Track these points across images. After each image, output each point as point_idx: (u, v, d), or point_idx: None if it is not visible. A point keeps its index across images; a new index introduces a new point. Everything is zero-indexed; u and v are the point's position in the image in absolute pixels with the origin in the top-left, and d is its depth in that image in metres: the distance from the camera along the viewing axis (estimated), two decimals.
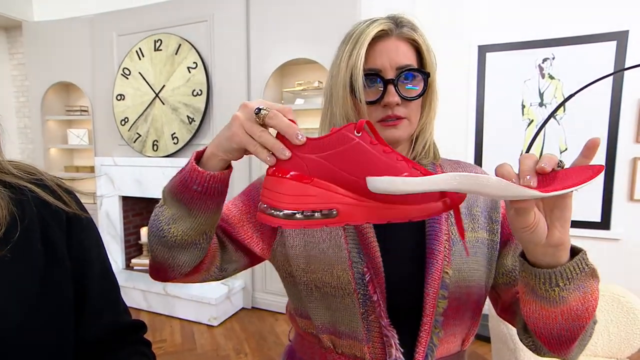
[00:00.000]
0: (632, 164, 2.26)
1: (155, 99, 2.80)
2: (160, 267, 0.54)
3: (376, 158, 0.40)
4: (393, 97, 0.54)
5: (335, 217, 0.40)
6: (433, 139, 0.64)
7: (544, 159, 0.38)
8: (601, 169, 0.36)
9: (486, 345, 2.17)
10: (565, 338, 0.47)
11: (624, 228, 2.30)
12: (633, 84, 2.21)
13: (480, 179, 0.36)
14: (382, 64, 0.55)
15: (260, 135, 0.41)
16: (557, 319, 0.45)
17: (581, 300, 0.44)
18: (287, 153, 0.40)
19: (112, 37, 2.94)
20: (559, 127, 2.41)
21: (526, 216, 0.39)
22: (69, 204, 0.48)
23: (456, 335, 0.57)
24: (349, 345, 0.57)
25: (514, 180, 0.37)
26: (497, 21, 2.45)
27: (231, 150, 0.44)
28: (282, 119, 0.40)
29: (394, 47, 0.56)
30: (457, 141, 2.60)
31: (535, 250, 0.43)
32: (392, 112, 0.55)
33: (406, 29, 0.57)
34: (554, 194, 0.35)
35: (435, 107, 0.61)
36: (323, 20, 2.34)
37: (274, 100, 2.66)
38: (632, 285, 2.24)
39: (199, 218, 0.48)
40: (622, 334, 1.38)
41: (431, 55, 0.58)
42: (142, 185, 2.83)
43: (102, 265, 0.52)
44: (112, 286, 0.53)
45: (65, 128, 3.47)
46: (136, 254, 3.14)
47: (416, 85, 0.56)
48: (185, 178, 0.46)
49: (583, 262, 0.43)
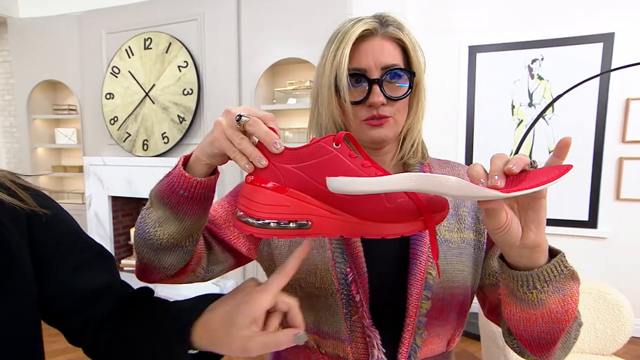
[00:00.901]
0: (618, 163, 2.31)
1: (145, 98, 2.77)
2: (146, 268, 0.54)
3: (353, 171, 0.39)
4: (378, 97, 0.54)
5: (308, 228, 0.40)
6: (421, 138, 0.64)
7: (513, 159, 0.37)
8: (568, 169, 0.36)
9: (476, 343, 2.19)
10: (545, 341, 0.47)
11: (610, 227, 2.35)
12: (619, 85, 2.26)
13: (438, 179, 0.36)
14: (367, 64, 0.55)
15: (239, 142, 0.41)
16: (537, 322, 0.45)
17: (561, 303, 0.43)
18: (263, 162, 0.40)
19: (100, 34, 2.90)
20: (548, 127, 2.45)
21: (496, 217, 0.39)
22: (25, 200, 0.45)
23: (440, 336, 0.57)
24: (332, 345, 0.57)
25: (482, 180, 0.37)
26: (487, 22, 2.48)
27: (214, 155, 0.44)
28: (261, 126, 0.40)
29: (379, 46, 0.55)
30: (447, 141, 2.62)
31: (511, 251, 0.43)
32: (378, 112, 0.55)
33: (392, 28, 0.56)
34: (514, 194, 0.34)
35: (423, 107, 0.61)
36: (314, 20, 2.34)
37: (265, 99, 2.65)
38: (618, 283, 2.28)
39: (185, 222, 0.48)
40: (608, 331, 1.40)
41: (418, 54, 0.58)
42: (132, 186, 2.80)
43: (82, 253, 0.49)
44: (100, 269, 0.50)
45: (52, 127, 3.41)
46: (126, 254, 3.11)
47: (402, 84, 0.56)
48: (172, 183, 0.46)
49: (561, 264, 0.43)
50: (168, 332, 0.44)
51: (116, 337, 0.47)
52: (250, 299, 0.42)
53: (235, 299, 0.43)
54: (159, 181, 0.49)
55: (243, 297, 0.43)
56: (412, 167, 0.62)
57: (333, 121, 0.59)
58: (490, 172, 0.37)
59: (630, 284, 2.32)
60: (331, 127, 0.60)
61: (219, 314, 0.43)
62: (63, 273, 0.47)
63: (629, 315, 1.39)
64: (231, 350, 0.41)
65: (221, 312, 0.43)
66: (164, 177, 0.48)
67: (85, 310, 0.47)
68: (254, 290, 0.43)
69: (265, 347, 0.41)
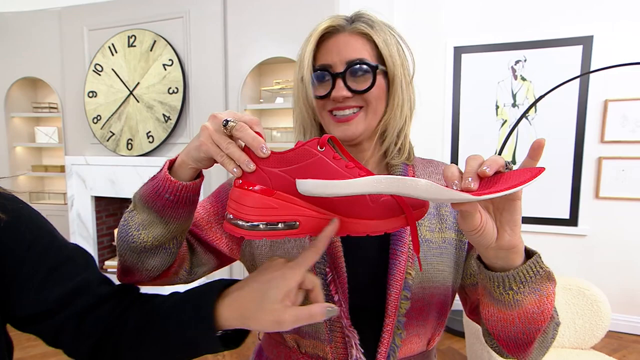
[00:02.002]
0: (597, 163, 2.37)
1: (130, 96, 2.72)
2: (128, 270, 0.54)
3: (337, 173, 0.41)
4: (340, 90, 0.55)
5: (297, 228, 0.41)
6: (409, 140, 0.64)
7: (487, 161, 0.38)
8: (540, 171, 0.37)
9: (461, 340, 2.23)
10: (522, 341, 0.47)
11: (590, 224, 2.41)
12: (598, 87, 2.32)
13: (407, 182, 0.37)
14: (332, 60, 0.56)
15: (227, 147, 0.41)
16: (514, 322, 0.46)
17: (537, 304, 0.44)
18: (251, 166, 0.41)
19: (82, 31, 2.83)
20: (531, 127, 2.50)
21: (470, 219, 0.39)
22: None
23: (420, 336, 0.58)
24: (312, 345, 0.57)
25: (457, 182, 0.37)
26: (472, 23, 2.51)
27: (200, 159, 0.44)
28: (248, 131, 0.40)
29: (344, 42, 0.56)
30: (433, 140, 2.65)
31: (488, 252, 0.43)
32: (342, 104, 0.56)
33: (359, 24, 0.57)
34: (484, 197, 0.35)
35: (402, 104, 0.59)
36: (301, 19, 2.34)
37: (251, 98, 2.63)
38: (596, 279, 2.36)
39: (170, 225, 0.48)
40: (587, 325, 1.45)
41: (392, 50, 0.57)
42: (116, 185, 2.74)
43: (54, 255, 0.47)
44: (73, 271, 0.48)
45: (32, 125, 3.31)
46: (110, 255, 3.05)
47: (367, 78, 0.55)
48: (157, 187, 0.46)
49: (537, 265, 0.43)
50: (189, 320, 0.44)
51: (108, 334, 0.47)
52: (282, 274, 0.43)
53: (264, 275, 0.44)
54: (144, 184, 0.49)
55: (273, 272, 0.44)
56: (395, 167, 0.62)
57: (306, 119, 0.61)
58: (465, 173, 0.38)
59: (608, 279, 2.39)
60: (307, 124, 0.62)
61: (249, 290, 0.44)
62: (35, 278, 0.45)
63: (607, 310, 1.43)
64: (263, 324, 0.41)
65: (252, 288, 0.44)
66: (149, 180, 0.48)
67: (60, 311, 0.46)
68: (286, 266, 0.44)
69: (298, 320, 0.41)
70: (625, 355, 2.13)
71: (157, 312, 0.47)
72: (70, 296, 0.47)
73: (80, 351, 0.48)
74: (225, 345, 0.45)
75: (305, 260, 0.44)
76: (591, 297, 1.45)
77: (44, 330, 0.47)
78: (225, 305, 0.43)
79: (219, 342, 0.43)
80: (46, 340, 0.48)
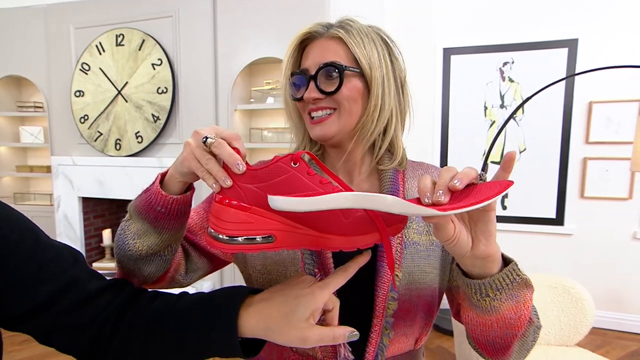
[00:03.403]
0: (582, 163, 2.42)
1: (118, 96, 2.68)
2: (126, 276, 0.56)
3: (310, 189, 0.42)
4: (310, 92, 0.57)
5: (273, 242, 0.42)
6: (401, 144, 0.64)
7: (458, 175, 0.39)
8: (509, 185, 0.38)
9: (451, 339, 2.25)
10: (499, 345, 0.49)
11: (575, 224, 2.46)
12: (583, 89, 2.37)
13: (375, 199, 0.38)
14: (308, 64, 0.59)
15: (206, 163, 0.43)
16: (492, 327, 0.47)
17: (514, 310, 0.45)
18: (228, 182, 0.42)
19: (68, 29, 2.78)
20: (519, 128, 2.54)
21: (443, 230, 0.40)
22: None
23: (408, 336, 0.59)
24: None
25: (428, 194, 0.39)
26: (461, 25, 2.54)
27: (185, 174, 0.46)
28: (225, 148, 0.42)
29: (320, 47, 0.59)
30: (423, 140, 2.68)
31: (464, 260, 0.44)
32: (315, 106, 0.58)
33: (334, 29, 0.58)
34: (451, 212, 0.36)
35: (380, 105, 0.58)
36: (292, 20, 2.33)
37: (242, 99, 2.62)
38: (581, 277, 2.41)
39: (163, 235, 0.50)
40: (572, 323, 1.48)
41: (369, 51, 0.57)
42: (104, 186, 2.71)
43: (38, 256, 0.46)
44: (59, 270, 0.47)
45: (17, 125, 3.24)
46: (98, 257, 3.00)
47: (337, 79, 0.56)
48: (150, 199, 0.48)
49: (513, 272, 0.44)
50: (212, 321, 0.44)
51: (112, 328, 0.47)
52: (311, 292, 0.44)
53: (293, 290, 0.45)
54: (138, 196, 0.51)
55: (302, 289, 0.44)
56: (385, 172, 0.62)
57: (294, 118, 0.65)
58: (436, 187, 0.39)
59: (593, 277, 2.44)
60: (293, 124, 0.66)
61: (277, 303, 0.44)
62: (23, 277, 0.45)
63: (590, 307, 1.46)
64: (288, 339, 0.42)
65: (280, 301, 0.44)
66: (143, 192, 0.51)
67: (50, 308, 0.46)
68: (316, 285, 0.45)
69: (321, 340, 0.42)
70: (609, 351, 2.18)
71: (171, 310, 0.47)
72: (60, 293, 0.47)
73: (78, 347, 0.48)
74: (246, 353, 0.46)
75: (335, 282, 0.45)
76: (576, 295, 1.48)
77: (35, 328, 0.47)
78: (250, 314, 0.44)
79: (239, 347, 0.44)
80: (38, 338, 0.48)
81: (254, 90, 2.64)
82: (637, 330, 2.38)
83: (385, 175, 0.62)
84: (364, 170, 0.65)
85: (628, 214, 2.37)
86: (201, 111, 2.57)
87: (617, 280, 2.42)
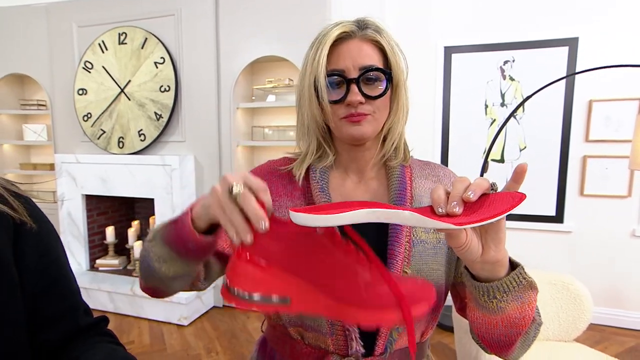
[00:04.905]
0: (582, 161, 2.44)
1: (121, 94, 2.70)
2: (153, 291, 0.59)
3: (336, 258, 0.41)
4: (355, 95, 0.56)
5: (288, 304, 0.41)
6: (404, 139, 0.66)
7: (472, 186, 0.40)
8: (523, 198, 0.39)
9: (451, 335, 2.28)
10: (504, 343, 0.52)
11: (574, 221, 2.48)
12: (583, 87, 2.38)
13: (395, 215, 0.39)
14: (346, 65, 0.57)
15: (230, 213, 0.41)
16: (497, 326, 0.50)
17: (519, 310, 0.48)
18: (248, 238, 0.40)
19: (71, 28, 2.80)
20: (519, 126, 2.55)
21: (456, 238, 0.42)
22: (17, 209, 0.46)
23: (415, 330, 0.60)
24: (315, 338, 0.60)
25: (442, 205, 0.40)
26: (462, 24, 2.55)
27: (210, 219, 0.46)
28: (250, 203, 0.40)
29: (357, 48, 0.58)
30: (424, 138, 2.69)
31: (474, 265, 0.46)
32: (356, 110, 0.57)
33: (370, 31, 0.58)
34: (466, 227, 0.38)
35: (404, 108, 0.62)
36: (294, 18, 2.35)
37: (244, 97, 2.63)
38: (580, 274, 2.43)
39: (190, 264, 0.52)
40: (570, 319, 1.50)
41: (396, 56, 0.60)
42: (108, 184, 2.73)
43: (57, 272, 0.50)
44: (68, 293, 0.52)
45: (20, 123, 3.27)
46: (101, 254, 3.03)
47: (379, 84, 0.58)
48: (182, 235, 0.48)
49: (520, 276, 0.47)
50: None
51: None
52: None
53: None
54: (166, 225, 0.51)
55: None
56: (393, 169, 0.64)
57: (314, 121, 0.62)
58: (450, 198, 0.40)
59: (591, 274, 2.47)
60: (313, 127, 0.63)
61: None
62: (34, 287, 0.47)
63: (589, 304, 1.48)
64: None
65: None
66: (171, 223, 0.50)
67: (46, 330, 0.48)
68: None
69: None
70: (606, 347, 2.20)
71: None
72: (59, 317, 0.49)
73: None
74: None
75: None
76: (574, 291, 1.50)
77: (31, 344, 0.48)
78: None
79: None
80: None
81: (256, 89, 2.65)
82: (635, 326, 2.41)
83: (393, 172, 0.64)
84: (375, 167, 0.67)
85: (627, 211, 2.38)
86: (203, 109, 2.59)
87: (616, 277, 2.44)
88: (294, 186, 0.65)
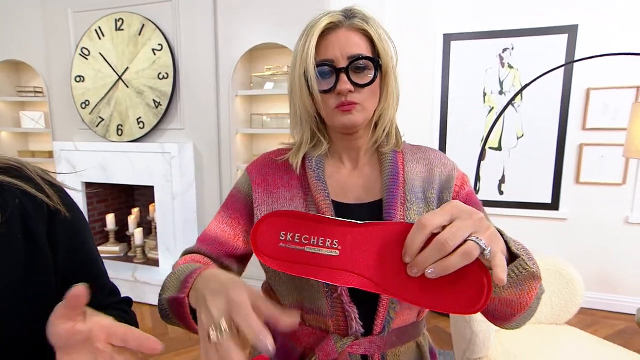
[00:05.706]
0: (578, 149, 2.46)
1: (119, 81, 2.69)
2: None
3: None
4: (345, 84, 0.58)
5: None
6: (395, 125, 0.68)
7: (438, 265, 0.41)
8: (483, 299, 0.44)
9: (446, 320, 2.34)
10: (500, 317, 0.55)
11: (570, 208, 2.52)
12: (581, 75, 2.39)
13: None
14: (334, 55, 0.58)
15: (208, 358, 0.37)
16: (494, 301, 0.53)
17: (517, 295, 0.50)
18: None
19: (67, 13, 2.76)
20: (517, 114, 2.56)
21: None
22: (52, 197, 0.49)
23: (412, 309, 0.64)
24: (315, 320, 0.63)
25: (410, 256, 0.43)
26: (462, 11, 2.53)
27: None
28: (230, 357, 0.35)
29: (345, 37, 0.59)
30: (423, 126, 2.70)
31: None
32: (346, 99, 0.59)
33: (357, 20, 0.60)
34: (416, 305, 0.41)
35: (394, 94, 0.64)
36: (292, 6, 2.32)
37: (242, 84, 2.62)
38: (574, 260, 2.48)
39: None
40: (562, 303, 1.54)
41: (384, 43, 0.61)
42: (107, 171, 2.74)
43: (85, 255, 0.54)
44: (95, 274, 0.55)
45: (17, 110, 3.25)
46: (102, 241, 3.06)
47: (368, 72, 0.59)
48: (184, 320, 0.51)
49: (520, 267, 0.48)
50: None
51: None
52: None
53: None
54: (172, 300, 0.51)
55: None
56: (385, 155, 0.66)
57: (307, 111, 0.63)
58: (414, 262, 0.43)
59: (585, 260, 2.52)
60: (305, 117, 0.64)
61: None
62: (66, 268, 0.50)
63: (580, 288, 1.53)
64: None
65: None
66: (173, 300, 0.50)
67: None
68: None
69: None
70: (597, 330, 2.27)
71: None
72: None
73: None
74: None
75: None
76: (567, 276, 1.54)
77: None
78: None
79: None
80: None
81: (254, 76, 2.64)
82: (625, 310, 2.47)
83: (386, 158, 0.66)
84: (367, 154, 0.69)
85: (621, 199, 2.42)
86: (202, 97, 2.58)
87: (609, 263, 2.50)
88: (291, 176, 0.67)
